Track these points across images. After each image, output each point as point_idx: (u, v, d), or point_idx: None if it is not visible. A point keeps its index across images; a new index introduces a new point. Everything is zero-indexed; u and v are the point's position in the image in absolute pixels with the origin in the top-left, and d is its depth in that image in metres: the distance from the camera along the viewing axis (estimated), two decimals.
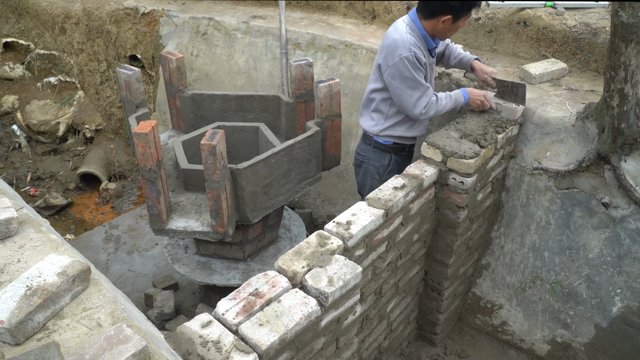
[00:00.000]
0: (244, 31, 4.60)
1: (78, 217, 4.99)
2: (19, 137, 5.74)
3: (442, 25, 2.56)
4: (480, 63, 2.95)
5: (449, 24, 2.55)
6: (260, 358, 1.57)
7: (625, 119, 2.54)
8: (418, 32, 2.61)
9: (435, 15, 2.54)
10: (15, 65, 5.75)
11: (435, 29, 2.60)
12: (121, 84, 3.03)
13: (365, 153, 2.95)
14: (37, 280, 1.41)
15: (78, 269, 1.46)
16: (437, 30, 2.60)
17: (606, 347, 2.80)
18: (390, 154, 2.89)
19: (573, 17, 3.43)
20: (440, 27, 2.57)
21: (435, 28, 2.59)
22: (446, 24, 2.55)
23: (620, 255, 2.71)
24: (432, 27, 2.60)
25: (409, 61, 2.53)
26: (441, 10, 2.50)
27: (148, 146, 2.36)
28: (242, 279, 2.99)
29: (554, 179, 2.86)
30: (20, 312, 1.30)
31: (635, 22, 2.27)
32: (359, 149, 3.01)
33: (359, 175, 3.06)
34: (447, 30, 2.61)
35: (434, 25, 2.58)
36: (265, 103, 3.35)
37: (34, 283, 1.39)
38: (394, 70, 2.58)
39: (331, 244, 2.00)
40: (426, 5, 2.55)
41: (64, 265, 1.46)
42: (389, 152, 2.89)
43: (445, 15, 2.50)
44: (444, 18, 2.51)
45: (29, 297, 1.35)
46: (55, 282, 1.40)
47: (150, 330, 1.55)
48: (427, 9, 2.56)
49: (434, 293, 2.99)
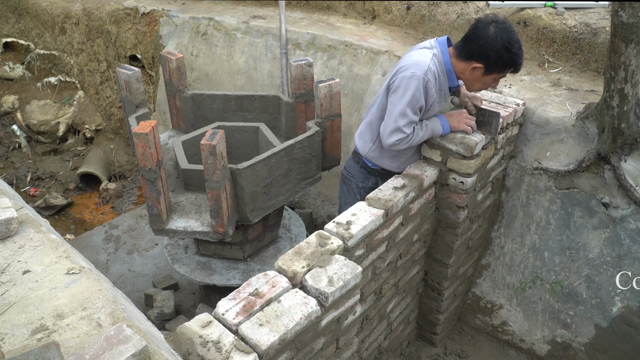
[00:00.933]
0: (244, 31, 4.60)
1: (78, 217, 4.99)
2: (19, 137, 5.74)
3: (472, 73, 2.35)
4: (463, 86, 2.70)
5: (479, 74, 2.34)
6: (260, 358, 1.57)
7: (625, 119, 2.54)
8: (443, 67, 2.40)
9: (469, 58, 2.32)
10: (15, 65, 5.75)
11: (464, 73, 2.39)
12: (121, 84, 3.03)
13: (352, 170, 2.78)
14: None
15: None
16: (466, 76, 2.40)
17: (606, 347, 2.80)
18: (377, 177, 2.72)
19: (573, 17, 3.43)
20: (469, 74, 2.36)
21: (464, 72, 2.39)
22: (476, 73, 2.34)
23: (620, 255, 2.71)
24: (462, 70, 2.39)
25: (420, 83, 2.32)
26: (477, 55, 2.29)
27: (148, 146, 2.36)
28: (242, 279, 2.99)
29: (554, 179, 2.86)
30: None
31: (635, 22, 2.27)
32: (347, 164, 2.84)
33: (342, 191, 2.89)
34: (475, 81, 2.40)
35: (463, 68, 2.37)
36: (265, 103, 3.35)
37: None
38: (398, 83, 2.36)
39: (331, 244, 2.00)
40: (465, 44, 2.33)
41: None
42: (375, 176, 2.72)
43: (478, 62, 2.30)
44: (476, 65, 2.31)
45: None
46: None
47: (150, 330, 1.55)
48: (463, 49, 2.34)
49: (434, 293, 2.99)
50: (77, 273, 1.59)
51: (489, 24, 2.26)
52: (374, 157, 2.66)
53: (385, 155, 2.62)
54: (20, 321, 1.40)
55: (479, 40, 2.27)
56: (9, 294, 1.49)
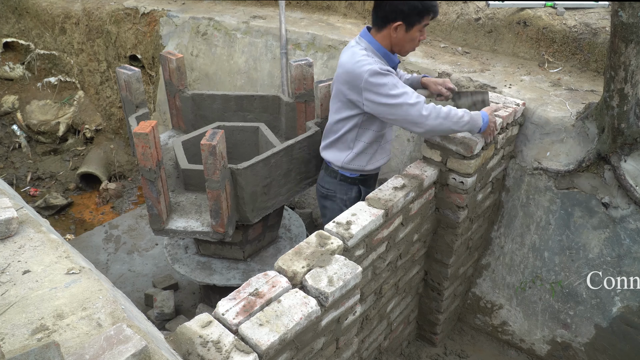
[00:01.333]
0: (244, 31, 4.60)
1: (78, 217, 4.99)
2: (19, 137, 5.74)
3: (396, 35, 2.32)
4: (429, 78, 2.70)
5: (402, 32, 2.31)
6: (260, 358, 1.57)
7: (625, 119, 2.54)
8: (377, 53, 2.38)
9: (386, 23, 2.31)
10: (15, 65, 5.76)
11: (391, 40, 2.36)
12: (121, 84, 3.03)
13: (331, 186, 2.70)
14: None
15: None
16: (393, 41, 2.36)
17: (606, 347, 2.80)
18: (358, 185, 2.67)
19: (573, 17, 3.43)
20: (394, 37, 2.33)
21: (391, 39, 2.35)
22: (399, 33, 2.31)
23: (620, 255, 2.71)
24: (389, 39, 2.36)
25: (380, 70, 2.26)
26: (391, 16, 2.28)
27: (148, 146, 2.36)
28: (242, 279, 2.99)
29: (554, 179, 2.86)
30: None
31: (635, 22, 2.27)
32: (323, 181, 2.74)
33: (324, 207, 2.80)
34: (403, 41, 2.35)
35: (389, 37, 2.35)
36: (265, 103, 3.35)
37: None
38: (369, 88, 2.27)
39: (331, 244, 2.00)
40: (377, 12, 2.34)
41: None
42: (356, 184, 2.66)
43: (396, 21, 2.28)
44: (396, 24, 2.28)
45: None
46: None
47: (150, 330, 1.55)
48: (378, 17, 2.34)
49: (434, 293, 2.99)
50: (77, 273, 1.59)
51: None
52: (352, 163, 2.58)
53: (360, 159, 2.58)
54: (20, 321, 1.40)
55: (386, 2, 2.28)
56: (9, 294, 1.49)
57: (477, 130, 2.41)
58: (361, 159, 2.58)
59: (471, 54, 3.74)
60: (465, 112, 2.34)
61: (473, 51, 3.77)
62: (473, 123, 2.36)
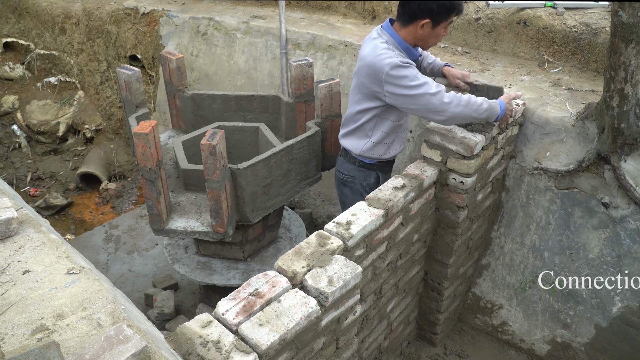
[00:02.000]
0: (244, 31, 4.60)
1: (78, 217, 4.99)
2: (19, 137, 5.74)
3: (422, 31, 2.38)
4: (450, 68, 2.75)
5: (429, 29, 2.37)
6: (260, 358, 1.57)
7: (625, 119, 2.54)
8: (399, 47, 2.44)
9: (413, 20, 2.36)
10: (15, 65, 5.75)
11: (415, 36, 2.41)
12: (121, 84, 3.03)
13: (350, 172, 2.76)
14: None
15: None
16: (418, 37, 2.42)
17: (606, 347, 2.80)
18: (376, 171, 2.74)
19: (573, 17, 3.43)
20: (419, 33, 2.39)
21: (415, 35, 2.41)
22: (425, 29, 2.37)
23: (620, 255, 2.71)
24: (413, 35, 2.41)
25: (401, 62, 2.31)
26: (419, 13, 2.33)
27: (148, 146, 2.36)
28: (242, 279, 2.99)
29: (554, 179, 2.86)
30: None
31: (635, 22, 2.27)
32: (342, 167, 2.80)
33: (343, 194, 2.87)
34: (428, 37, 2.42)
35: (413, 33, 2.40)
36: (265, 103, 3.35)
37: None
38: (391, 81, 2.34)
39: (331, 244, 2.00)
40: (404, 8, 2.38)
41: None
42: (374, 170, 2.73)
43: (423, 19, 2.33)
44: (423, 22, 2.34)
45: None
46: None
47: (150, 330, 1.55)
48: (404, 13, 2.38)
49: (434, 293, 2.99)
50: (77, 273, 1.59)
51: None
52: (368, 150, 2.66)
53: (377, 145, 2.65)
54: (20, 321, 1.40)
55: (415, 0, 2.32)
56: (9, 294, 1.49)
57: (494, 117, 2.45)
58: (379, 148, 2.65)
59: (471, 54, 3.74)
60: (484, 100, 2.40)
61: (473, 51, 3.77)
62: (491, 111, 2.41)
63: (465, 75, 2.71)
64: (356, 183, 2.78)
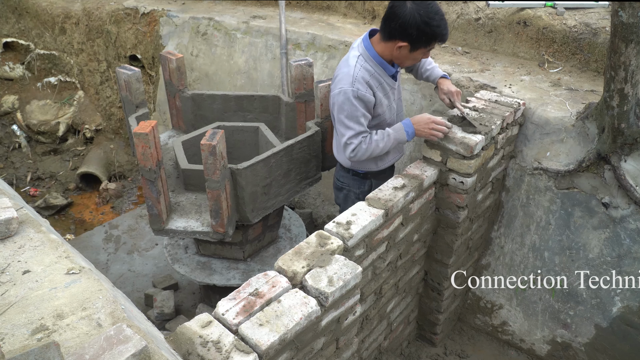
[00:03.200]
0: (244, 31, 4.60)
1: (78, 217, 4.99)
2: (19, 137, 5.74)
3: (399, 52, 2.33)
4: (445, 80, 2.65)
5: (406, 52, 2.32)
6: (260, 358, 1.57)
7: (625, 119, 2.54)
8: (374, 61, 2.40)
9: (392, 38, 2.30)
10: (15, 65, 5.75)
11: (392, 54, 2.37)
12: (121, 84, 3.03)
13: (345, 180, 2.79)
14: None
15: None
16: (394, 56, 2.37)
17: (606, 347, 2.80)
18: (370, 179, 2.74)
19: (573, 17, 3.43)
20: (396, 53, 2.34)
21: (392, 53, 2.36)
22: (402, 52, 2.32)
23: (620, 255, 2.71)
24: (390, 52, 2.36)
25: (350, 96, 2.33)
26: (398, 35, 2.27)
27: (148, 146, 2.36)
28: (242, 279, 2.99)
29: (554, 179, 2.86)
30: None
31: (635, 22, 2.27)
32: (338, 174, 2.84)
33: (339, 198, 2.90)
34: (405, 58, 2.38)
35: (390, 50, 2.35)
36: (265, 103, 3.35)
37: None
38: (332, 102, 2.43)
39: (331, 244, 2.00)
40: (385, 24, 2.31)
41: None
42: (368, 178, 2.74)
43: (402, 41, 2.28)
44: (401, 44, 2.29)
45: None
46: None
47: (150, 330, 1.55)
48: (385, 29, 2.32)
49: (434, 293, 2.99)
50: (77, 273, 1.59)
51: (405, 0, 2.23)
52: (357, 165, 2.67)
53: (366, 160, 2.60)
54: (20, 321, 1.40)
55: (397, 20, 2.24)
56: (9, 294, 1.49)
57: (405, 141, 2.50)
58: (369, 163, 2.65)
59: (471, 53, 3.74)
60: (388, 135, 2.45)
61: (473, 51, 3.77)
62: (398, 138, 2.47)
63: (454, 96, 2.60)
64: (350, 191, 2.80)
